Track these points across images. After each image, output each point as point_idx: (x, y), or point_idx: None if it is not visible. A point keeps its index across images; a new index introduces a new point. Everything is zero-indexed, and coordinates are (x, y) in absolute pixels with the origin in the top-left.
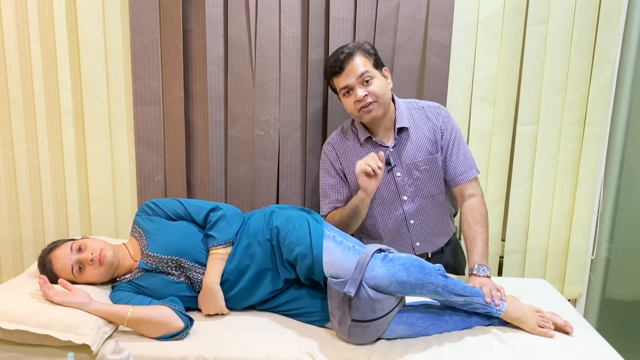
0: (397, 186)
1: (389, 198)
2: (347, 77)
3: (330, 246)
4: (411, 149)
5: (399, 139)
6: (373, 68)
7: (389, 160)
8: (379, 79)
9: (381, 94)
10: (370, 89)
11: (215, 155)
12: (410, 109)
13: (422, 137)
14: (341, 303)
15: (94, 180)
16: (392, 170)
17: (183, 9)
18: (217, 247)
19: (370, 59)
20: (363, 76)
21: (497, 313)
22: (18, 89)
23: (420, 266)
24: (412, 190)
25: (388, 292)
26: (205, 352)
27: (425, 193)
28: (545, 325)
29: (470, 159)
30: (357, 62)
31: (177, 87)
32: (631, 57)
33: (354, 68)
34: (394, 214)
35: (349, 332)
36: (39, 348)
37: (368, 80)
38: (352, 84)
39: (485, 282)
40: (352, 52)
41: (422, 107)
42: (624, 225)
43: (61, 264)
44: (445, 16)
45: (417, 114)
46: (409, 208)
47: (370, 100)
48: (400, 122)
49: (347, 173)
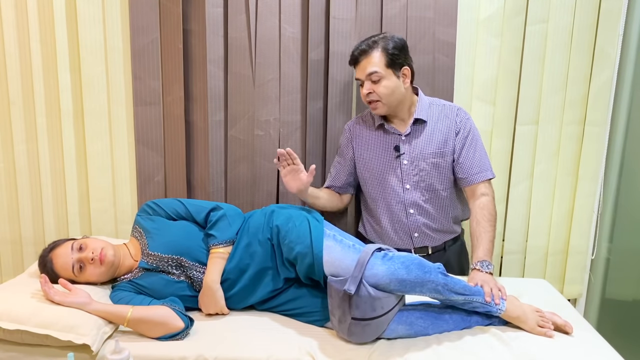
0: (402, 173)
1: (392, 184)
2: (360, 71)
3: (331, 245)
4: (423, 140)
5: (414, 129)
6: (385, 67)
7: (398, 147)
8: (389, 79)
9: (385, 94)
10: (377, 89)
11: (215, 155)
12: (431, 105)
13: (437, 132)
14: (341, 301)
15: (94, 180)
16: (399, 157)
17: (183, 9)
18: (217, 246)
19: (385, 57)
20: (371, 76)
21: (497, 312)
22: (18, 89)
23: (420, 264)
24: (416, 180)
25: (388, 290)
26: (205, 352)
27: (428, 185)
28: (545, 325)
29: (486, 162)
30: (371, 59)
31: (177, 87)
32: (631, 57)
33: (365, 65)
34: (395, 201)
35: (349, 330)
36: (39, 348)
37: (376, 80)
38: (363, 79)
39: (487, 279)
40: (367, 49)
41: (443, 106)
42: (624, 225)
43: (62, 262)
44: (450, 14)
45: (437, 111)
46: (409, 197)
47: (374, 98)
48: (419, 114)
49: (356, 155)
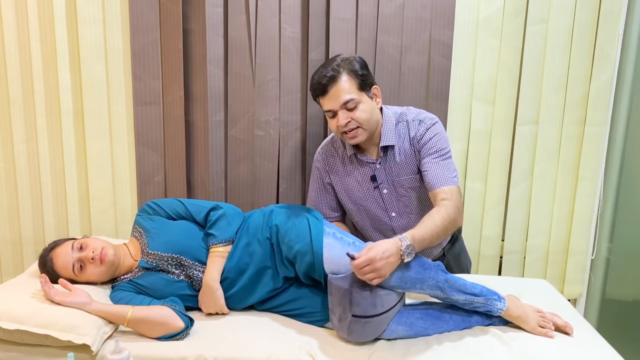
0: (384, 203)
1: (377, 214)
2: (331, 102)
3: (331, 242)
4: (396, 166)
5: (384, 157)
6: (358, 91)
7: (374, 177)
8: (365, 103)
9: (366, 119)
10: (356, 116)
11: (215, 155)
12: (398, 123)
13: (405, 155)
14: (342, 298)
15: (94, 180)
16: (378, 187)
17: (183, 9)
18: (217, 245)
19: (356, 80)
20: (347, 104)
21: (498, 312)
22: (18, 89)
23: (420, 261)
24: (400, 206)
25: (388, 286)
26: (205, 352)
27: (413, 209)
28: (545, 325)
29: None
30: (341, 86)
31: (177, 87)
32: (631, 57)
33: (338, 93)
34: (384, 229)
35: (349, 328)
36: (39, 348)
37: (352, 107)
38: (336, 109)
39: (383, 251)
40: (336, 74)
41: (406, 122)
42: (624, 225)
43: (62, 262)
44: (447, 15)
45: (403, 130)
46: (398, 224)
47: (354, 126)
48: (385, 141)
49: (335, 185)
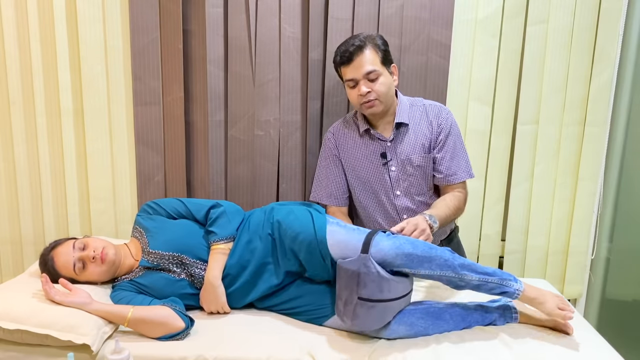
0: (391, 180)
1: (382, 191)
2: (355, 71)
3: (334, 229)
4: (408, 144)
5: (397, 134)
6: (381, 65)
7: (385, 154)
8: (385, 76)
9: (384, 92)
10: (376, 87)
11: (215, 155)
12: (412, 107)
13: (420, 135)
14: (349, 280)
15: (94, 180)
16: (387, 164)
17: (183, 9)
18: (218, 242)
19: (379, 54)
20: (370, 74)
21: (515, 293)
22: (18, 89)
23: (426, 243)
24: (406, 185)
25: (395, 266)
26: (205, 352)
27: (418, 190)
28: (565, 307)
29: (464, 162)
30: (366, 57)
31: (177, 87)
32: (631, 57)
33: (362, 63)
34: (387, 207)
35: (354, 313)
36: (39, 348)
37: (374, 78)
38: (358, 79)
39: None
40: (362, 45)
41: (423, 106)
42: (624, 225)
43: (63, 261)
44: (445, 16)
45: (418, 112)
46: (401, 203)
47: (373, 97)
48: (400, 118)
49: (343, 162)
